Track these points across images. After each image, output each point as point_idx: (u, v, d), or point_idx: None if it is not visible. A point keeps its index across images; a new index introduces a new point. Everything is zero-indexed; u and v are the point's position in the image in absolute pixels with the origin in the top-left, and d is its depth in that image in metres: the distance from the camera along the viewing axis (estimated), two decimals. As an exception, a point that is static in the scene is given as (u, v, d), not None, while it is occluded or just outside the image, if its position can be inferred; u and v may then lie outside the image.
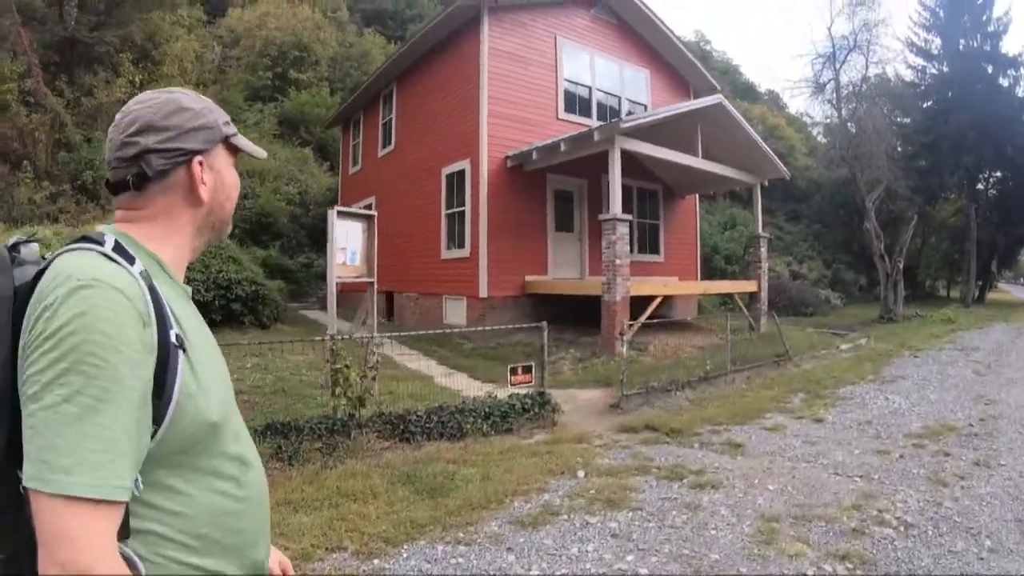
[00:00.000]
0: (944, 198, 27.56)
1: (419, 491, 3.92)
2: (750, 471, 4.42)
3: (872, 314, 18.66)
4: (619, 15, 12.84)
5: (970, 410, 6.44)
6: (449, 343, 10.03)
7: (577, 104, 12.11)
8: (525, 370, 5.79)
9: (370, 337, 5.19)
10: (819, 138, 32.25)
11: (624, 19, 12.94)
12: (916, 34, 26.13)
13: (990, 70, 24.45)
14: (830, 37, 19.99)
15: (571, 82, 12.02)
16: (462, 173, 11.14)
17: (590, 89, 12.36)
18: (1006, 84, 24.44)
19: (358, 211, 6.37)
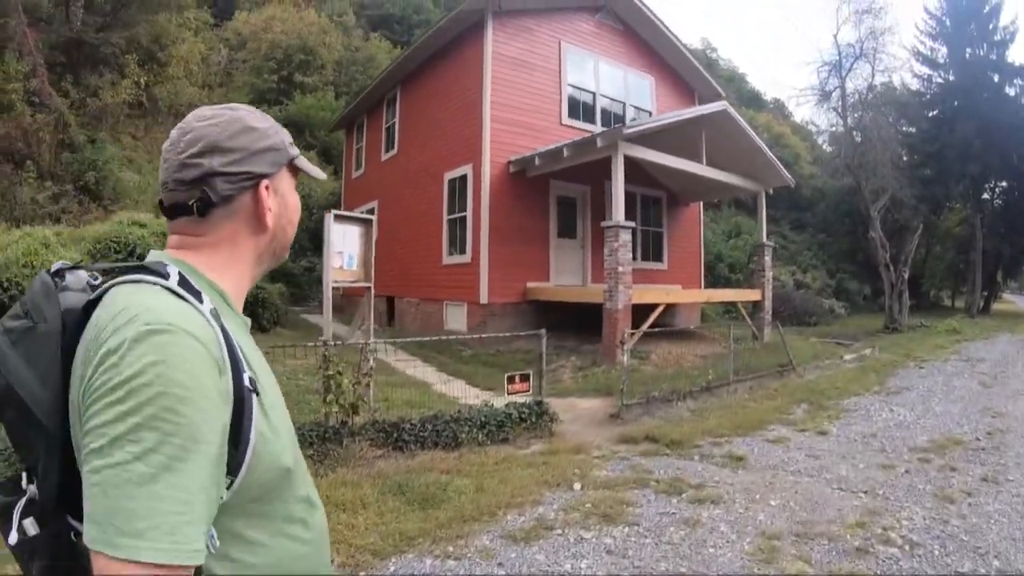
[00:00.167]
0: (949, 208, 27.40)
1: (410, 502, 3.83)
2: (751, 485, 4.32)
3: (876, 324, 18.53)
4: (624, 21, 12.78)
5: (977, 423, 6.33)
6: (448, 349, 9.94)
7: (581, 110, 12.04)
8: (523, 378, 5.69)
9: (365, 343, 5.11)
10: (824, 147, 32.18)
11: (629, 25, 12.88)
12: (922, 43, 26.05)
13: (996, 79, 24.32)
14: (836, 45, 19.96)
15: (575, 88, 11.96)
16: (464, 178, 11.07)
17: (594, 95, 12.29)
18: (1012, 93, 24.29)
19: (356, 215, 6.31)
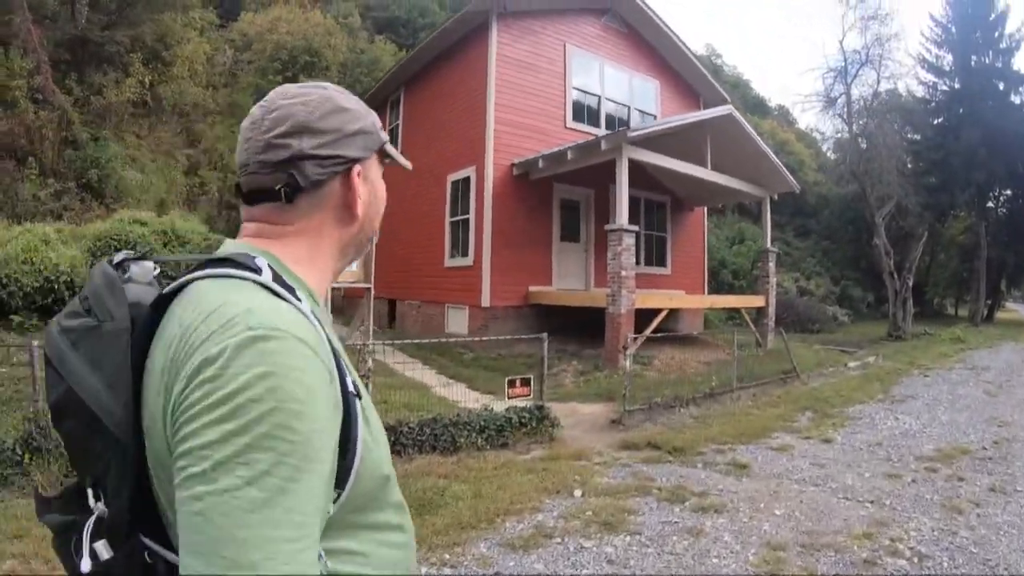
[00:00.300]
0: (954, 215, 27.30)
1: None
2: (756, 494, 4.25)
3: (880, 331, 18.43)
4: (630, 24, 12.74)
5: (983, 432, 6.25)
6: (450, 352, 9.87)
7: (586, 113, 12.00)
8: (523, 383, 5.63)
9: (363, 343, 5.06)
10: (829, 154, 32.07)
11: (635, 28, 12.84)
12: (928, 50, 25.99)
13: (1002, 87, 24.26)
14: (842, 51, 19.94)
15: (580, 91, 11.92)
16: (467, 180, 11.02)
17: (599, 98, 12.25)
18: (1018, 101, 24.19)
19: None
